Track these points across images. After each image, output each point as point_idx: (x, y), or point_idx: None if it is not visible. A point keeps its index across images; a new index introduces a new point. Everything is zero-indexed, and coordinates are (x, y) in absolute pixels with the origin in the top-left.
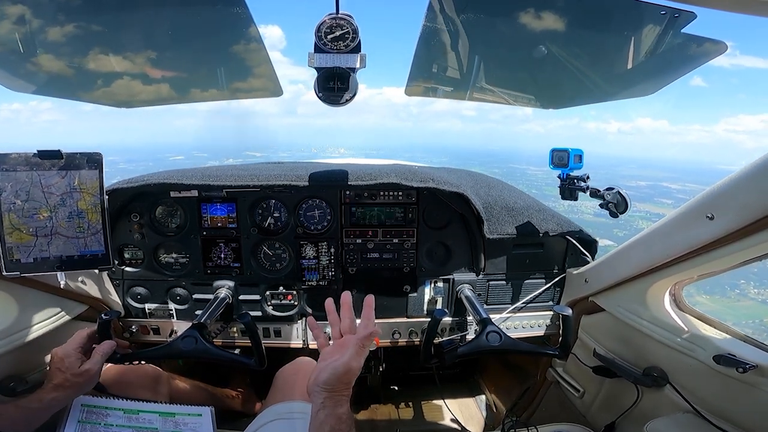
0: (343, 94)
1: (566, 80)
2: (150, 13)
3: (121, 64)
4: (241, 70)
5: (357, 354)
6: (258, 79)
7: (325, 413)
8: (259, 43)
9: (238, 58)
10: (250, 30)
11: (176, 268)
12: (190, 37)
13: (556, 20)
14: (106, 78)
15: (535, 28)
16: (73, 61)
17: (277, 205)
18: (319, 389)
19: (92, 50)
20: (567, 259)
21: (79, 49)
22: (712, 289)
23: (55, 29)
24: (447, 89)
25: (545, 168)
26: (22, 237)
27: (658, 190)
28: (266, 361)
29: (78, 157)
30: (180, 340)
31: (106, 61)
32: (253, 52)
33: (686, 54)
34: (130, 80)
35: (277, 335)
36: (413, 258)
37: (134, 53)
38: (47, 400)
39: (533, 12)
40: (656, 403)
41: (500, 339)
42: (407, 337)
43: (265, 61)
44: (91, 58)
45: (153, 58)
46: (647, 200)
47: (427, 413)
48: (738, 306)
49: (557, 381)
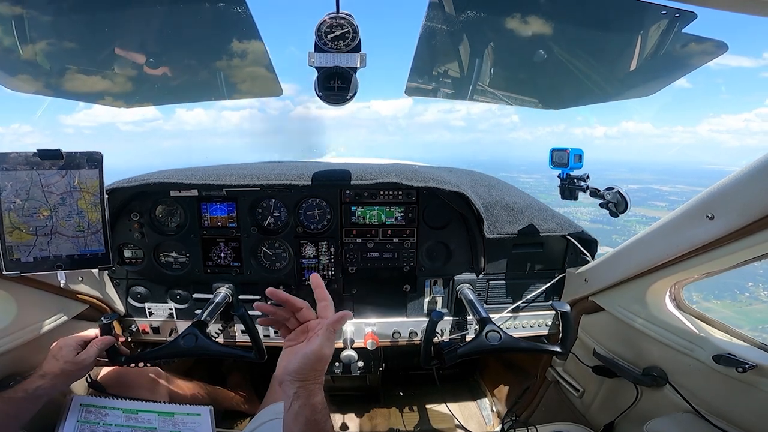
0: (343, 93)
1: (567, 80)
2: (151, 11)
3: (120, 62)
4: (240, 69)
5: (328, 339)
6: (257, 79)
7: (299, 404)
8: (258, 42)
9: (238, 57)
10: (251, 29)
11: (176, 267)
12: (190, 36)
13: (557, 20)
14: (105, 76)
15: (536, 29)
16: (72, 60)
17: (277, 205)
18: (290, 379)
19: (92, 49)
20: (567, 258)
21: (77, 49)
22: (721, 294)
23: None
24: (448, 90)
25: (536, 175)
26: (22, 236)
27: (650, 193)
28: (266, 353)
29: (78, 157)
30: (181, 339)
31: (105, 61)
32: (253, 51)
33: (687, 54)
34: (129, 80)
35: (277, 334)
36: (413, 257)
37: (135, 51)
38: (32, 389)
39: (533, 12)
40: (656, 403)
41: (500, 338)
42: (407, 336)
43: (265, 60)
44: (89, 57)
45: (153, 56)
46: (641, 204)
47: (427, 413)
48: (751, 310)
49: (557, 381)
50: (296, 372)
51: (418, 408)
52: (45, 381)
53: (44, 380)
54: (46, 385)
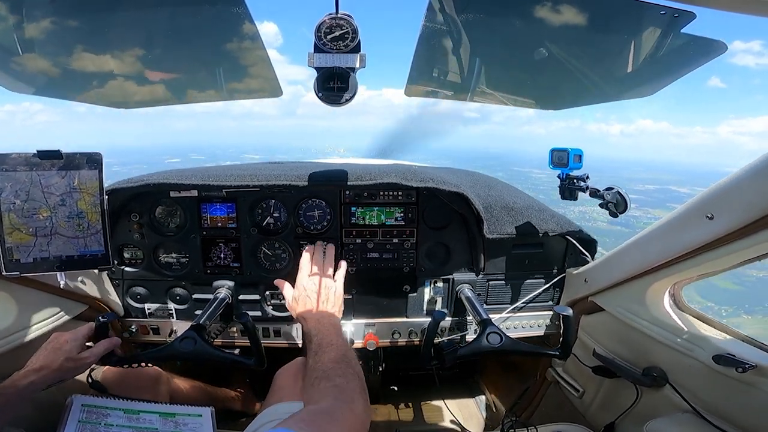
0: (342, 93)
1: (565, 81)
2: (149, 12)
3: (118, 64)
4: (240, 70)
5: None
6: (257, 79)
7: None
8: (258, 42)
9: (237, 57)
10: (250, 29)
11: (176, 268)
12: (189, 37)
13: (556, 21)
14: (102, 78)
15: (535, 29)
16: (70, 62)
17: (277, 205)
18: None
19: (90, 50)
20: (567, 259)
21: (77, 49)
22: (751, 308)
23: (53, 29)
24: (447, 91)
25: (548, 171)
26: (22, 237)
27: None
28: (266, 361)
29: (78, 157)
30: (179, 342)
31: (104, 61)
32: (252, 51)
33: (686, 54)
34: (127, 81)
35: (276, 335)
36: (413, 258)
37: (132, 53)
38: (24, 384)
39: (533, 12)
40: (656, 403)
41: (500, 340)
42: (407, 337)
43: (265, 61)
44: (88, 58)
45: (151, 58)
46: (659, 206)
47: (427, 413)
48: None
49: (557, 381)
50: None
51: (418, 408)
52: (39, 375)
53: (38, 374)
54: (38, 382)
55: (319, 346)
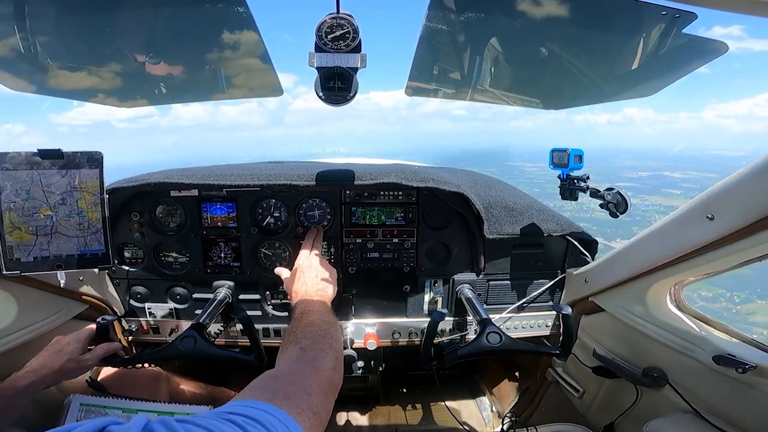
0: (344, 93)
1: (567, 81)
2: (150, 10)
3: (119, 61)
4: (241, 69)
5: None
6: (257, 79)
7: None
8: (259, 42)
9: (238, 57)
10: (251, 29)
11: (176, 267)
12: (190, 36)
13: (557, 21)
14: (103, 76)
15: (536, 28)
16: (71, 60)
17: (277, 205)
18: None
19: (90, 49)
20: (567, 259)
21: (76, 48)
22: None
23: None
24: (448, 90)
25: (541, 164)
26: (23, 236)
27: (662, 180)
28: (266, 357)
29: (78, 156)
30: (179, 341)
31: (104, 59)
32: (253, 51)
33: (687, 54)
34: (127, 79)
35: (276, 335)
36: (413, 258)
37: (133, 51)
38: (23, 385)
39: (534, 12)
40: (656, 404)
41: (500, 339)
42: (407, 337)
43: (266, 61)
44: (88, 56)
45: (152, 55)
46: (654, 192)
47: (427, 413)
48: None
49: (557, 381)
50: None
51: (418, 408)
52: (39, 376)
53: (38, 375)
54: (38, 383)
55: (301, 314)
